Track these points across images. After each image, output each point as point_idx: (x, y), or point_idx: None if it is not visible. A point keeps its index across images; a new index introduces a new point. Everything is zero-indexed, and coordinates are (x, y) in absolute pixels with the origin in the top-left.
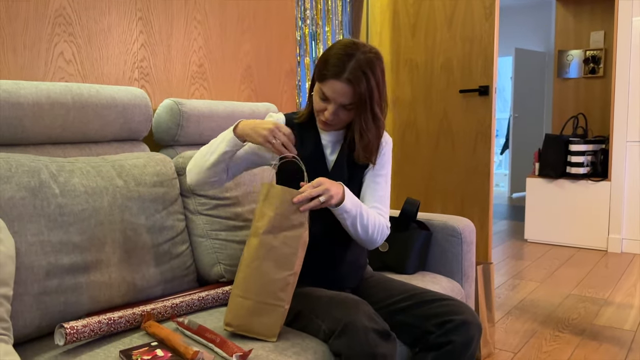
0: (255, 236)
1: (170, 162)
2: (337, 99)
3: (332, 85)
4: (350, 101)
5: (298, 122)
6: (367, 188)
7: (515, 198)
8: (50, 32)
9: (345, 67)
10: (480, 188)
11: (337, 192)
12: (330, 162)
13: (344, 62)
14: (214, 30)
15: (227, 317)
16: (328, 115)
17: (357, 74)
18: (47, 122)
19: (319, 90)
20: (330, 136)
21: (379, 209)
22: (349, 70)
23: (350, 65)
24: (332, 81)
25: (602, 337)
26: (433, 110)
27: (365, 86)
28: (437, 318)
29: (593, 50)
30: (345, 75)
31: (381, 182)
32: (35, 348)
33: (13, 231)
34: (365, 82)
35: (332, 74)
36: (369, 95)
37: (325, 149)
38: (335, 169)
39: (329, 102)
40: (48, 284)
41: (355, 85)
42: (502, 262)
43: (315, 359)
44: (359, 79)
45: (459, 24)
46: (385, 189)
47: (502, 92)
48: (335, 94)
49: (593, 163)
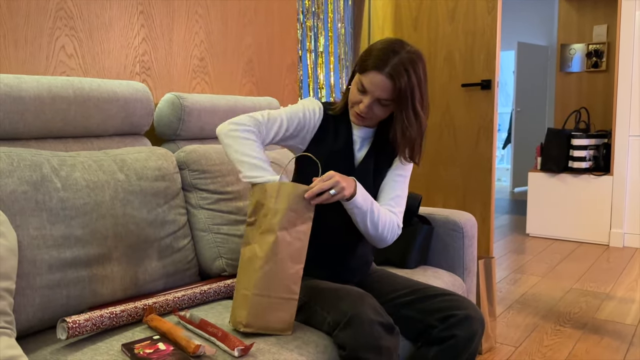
0: (270, 233)
1: (172, 156)
2: (375, 91)
3: (373, 78)
4: (388, 96)
5: (332, 114)
6: (386, 185)
7: (517, 192)
8: (52, 26)
9: (389, 61)
10: (482, 182)
11: (349, 185)
12: (357, 158)
13: (387, 57)
14: (215, 24)
15: (246, 318)
16: (363, 108)
17: (399, 69)
18: (48, 117)
19: (358, 82)
20: (362, 132)
21: (392, 207)
22: (392, 65)
23: (394, 60)
24: (373, 73)
25: (603, 331)
26: (435, 105)
27: (406, 82)
28: (440, 313)
29: (596, 44)
30: (387, 69)
31: (400, 181)
32: (38, 341)
33: (15, 225)
34: (406, 79)
35: (374, 66)
36: (410, 92)
37: (354, 145)
38: (361, 165)
39: (366, 94)
40: (50, 278)
41: (396, 80)
42: (504, 256)
43: (317, 352)
44: (400, 74)
45: (461, 17)
46: (403, 189)
47: (504, 86)
48: (374, 86)
49: (595, 157)
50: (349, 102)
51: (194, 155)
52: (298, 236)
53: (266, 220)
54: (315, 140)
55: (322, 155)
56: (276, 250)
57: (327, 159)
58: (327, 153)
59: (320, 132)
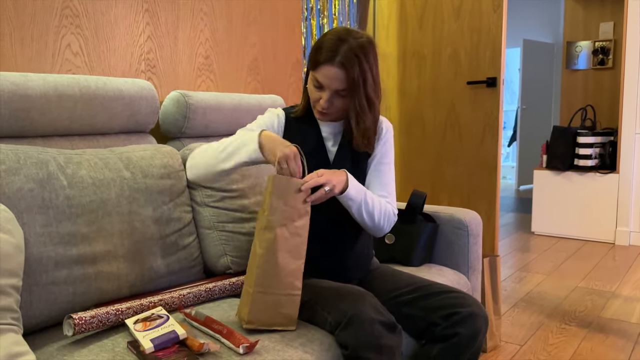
0: (269, 230)
1: (177, 154)
2: (331, 84)
3: (326, 71)
4: (344, 86)
5: (294, 116)
6: (372, 177)
7: (523, 190)
8: (58, 24)
9: (338, 51)
10: (487, 180)
11: (339, 180)
12: (332, 154)
13: (336, 47)
14: (220, 22)
15: (247, 315)
16: (323, 103)
17: (350, 57)
18: (54, 114)
19: (313, 79)
20: (330, 127)
21: (384, 196)
22: (342, 54)
23: (343, 49)
24: (326, 66)
25: (608, 329)
26: (440, 102)
27: (358, 70)
28: (443, 310)
29: (602, 41)
30: (337, 59)
31: (385, 169)
32: (45, 338)
33: (22, 222)
34: (357, 66)
35: (325, 59)
36: (362, 79)
37: (326, 141)
38: (337, 160)
39: (323, 89)
40: (57, 275)
41: (349, 68)
42: (509, 254)
43: (322, 350)
44: (351, 62)
45: (466, 15)
46: (390, 175)
47: (509, 83)
48: (328, 79)
49: (601, 155)
50: (311, 102)
51: None
52: (297, 231)
53: (264, 216)
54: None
55: None
56: (275, 247)
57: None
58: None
59: (287, 138)
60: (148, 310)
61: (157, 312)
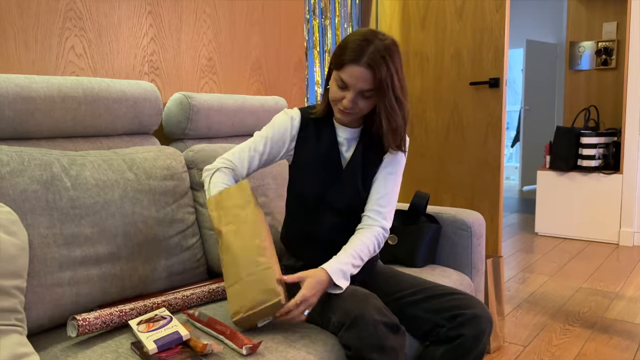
0: (219, 235)
1: (180, 155)
2: (356, 84)
3: (351, 71)
4: (370, 86)
5: (314, 117)
6: (376, 183)
7: (526, 191)
8: (61, 27)
9: (364, 52)
10: (490, 181)
11: (316, 294)
12: (345, 159)
13: (362, 48)
14: (223, 24)
15: (231, 309)
16: (347, 103)
17: (377, 58)
18: (58, 116)
19: (337, 78)
20: (347, 133)
21: (381, 206)
22: (368, 54)
23: (369, 50)
24: (351, 66)
25: (612, 330)
26: (443, 103)
27: (385, 71)
28: (447, 312)
29: (605, 41)
30: (364, 59)
31: (390, 179)
32: (49, 339)
33: (26, 224)
34: (385, 67)
35: (351, 59)
36: (390, 80)
37: (340, 146)
38: (348, 167)
39: (348, 89)
40: (61, 276)
41: (376, 69)
42: (512, 255)
43: (325, 351)
44: (378, 63)
45: (469, 15)
46: (393, 188)
47: (512, 84)
48: (354, 79)
49: (605, 156)
50: (331, 101)
51: (202, 155)
52: (245, 219)
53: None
54: (298, 146)
55: (307, 160)
56: (227, 243)
57: (312, 162)
58: (312, 157)
59: (302, 138)
60: (151, 312)
61: (160, 313)
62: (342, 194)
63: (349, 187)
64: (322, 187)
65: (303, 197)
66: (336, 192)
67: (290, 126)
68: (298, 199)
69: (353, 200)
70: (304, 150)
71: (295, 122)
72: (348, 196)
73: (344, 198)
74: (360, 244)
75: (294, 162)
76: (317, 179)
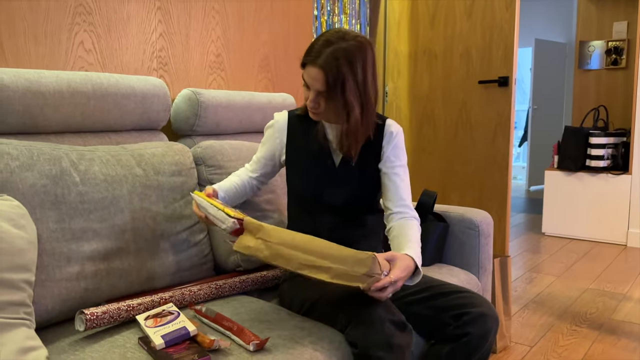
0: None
1: (189, 151)
2: (314, 84)
3: (309, 71)
4: (324, 88)
5: (301, 114)
6: (390, 183)
7: (534, 191)
8: (71, 22)
9: (322, 53)
10: (498, 180)
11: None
12: (337, 157)
13: (321, 49)
14: (231, 20)
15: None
16: (310, 103)
17: (329, 60)
18: (67, 111)
19: (303, 78)
20: (335, 130)
21: (405, 204)
22: (324, 56)
23: (327, 51)
24: (309, 67)
25: (620, 331)
26: (452, 101)
27: (336, 74)
28: (454, 310)
29: (615, 41)
30: (319, 61)
31: (401, 174)
32: (57, 333)
33: (35, 218)
34: (336, 70)
35: (310, 60)
36: (341, 84)
37: (330, 144)
38: (342, 164)
39: (309, 88)
40: (69, 271)
41: (328, 71)
42: (519, 255)
43: (331, 348)
44: (330, 65)
45: (479, 13)
46: (406, 180)
47: (521, 83)
48: (311, 79)
49: (614, 156)
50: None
51: (210, 151)
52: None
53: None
54: (289, 148)
55: (299, 159)
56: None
57: (305, 162)
58: (303, 156)
59: (291, 139)
60: (159, 307)
61: (168, 309)
62: (339, 193)
63: (344, 185)
64: (317, 186)
65: (300, 197)
66: (332, 191)
67: (278, 132)
68: (296, 199)
69: (350, 197)
70: (294, 150)
71: (281, 130)
72: (345, 194)
73: (341, 196)
74: (416, 234)
75: (287, 163)
76: (311, 178)
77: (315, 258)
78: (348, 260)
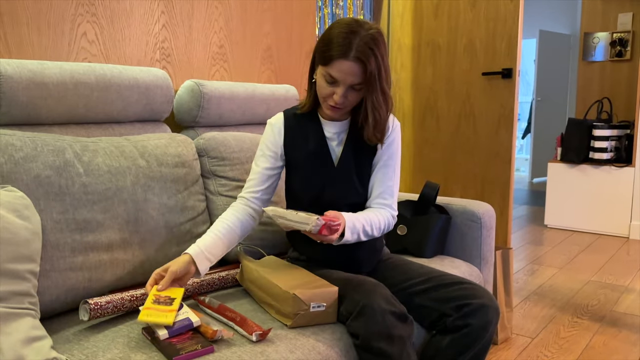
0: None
1: (192, 143)
2: (346, 79)
3: (340, 66)
4: (360, 80)
5: (300, 112)
6: (376, 178)
7: (536, 183)
8: (74, 13)
9: (352, 45)
10: (501, 173)
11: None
12: (336, 155)
13: (349, 41)
14: (234, 11)
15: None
16: (338, 99)
17: (365, 50)
18: (71, 102)
19: (325, 74)
20: (334, 127)
21: (384, 199)
22: (356, 47)
23: (356, 42)
24: (340, 61)
25: (621, 323)
26: (455, 93)
27: (374, 63)
28: (454, 301)
29: (620, 32)
30: (352, 53)
31: (389, 172)
32: (62, 322)
33: (39, 209)
34: (373, 59)
35: (339, 54)
36: (377, 72)
37: (330, 141)
38: (341, 161)
39: (337, 84)
40: (73, 261)
41: (365, 62)
42: (522, 247)
43: (333, 339)
44: (367, 56)
45: (482, 4)
46: (394, 178)
47: (525, 75)
48: (344, 74)
49: (617, 148)
50: (320, 98)
51: (213, 143)
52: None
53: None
54: (287, 149)
55: (298, 160)
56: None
57: (304, 162)
58: (303, 156)
59: (289, 140)
60: None
61: None
62: (339, 193)
63: (344, 185)
64: (317, 187)
65: (299, 197)
66: (332, 191)
67: (276, 134)
68: (295, 199)
69: (351, 197)
70: (293, 150)
71: (276, 127)
72: (345, 194)
73: (341, 196)
74: (373, 217)
75: (287, 164)
76: (311, 178)
77: (267, 295)
78: (278, 298)
